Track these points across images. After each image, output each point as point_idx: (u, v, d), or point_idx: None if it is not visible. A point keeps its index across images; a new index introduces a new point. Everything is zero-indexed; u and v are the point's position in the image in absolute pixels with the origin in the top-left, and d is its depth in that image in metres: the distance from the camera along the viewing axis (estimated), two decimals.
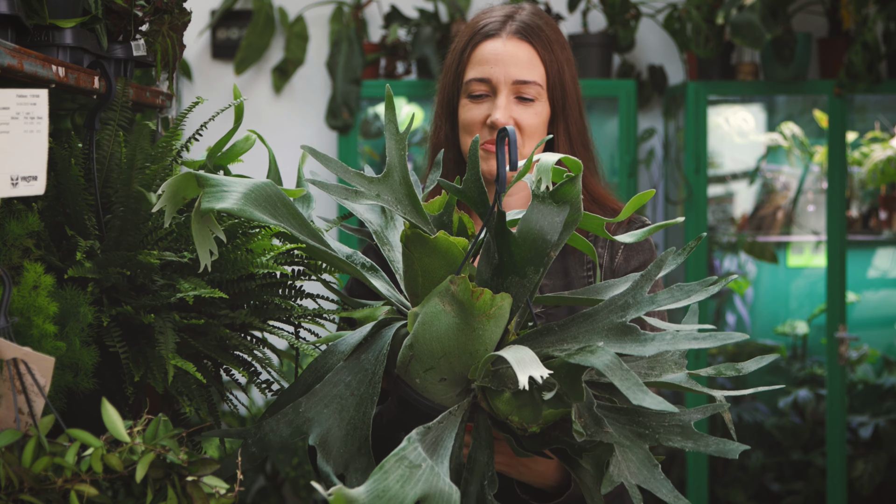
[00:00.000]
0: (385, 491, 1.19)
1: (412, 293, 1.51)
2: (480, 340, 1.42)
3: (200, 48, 4.61)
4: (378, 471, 1.20)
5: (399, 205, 1.51)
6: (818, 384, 4.55)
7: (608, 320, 1.42)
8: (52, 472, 1.27)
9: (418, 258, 1.47)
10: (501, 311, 1.42)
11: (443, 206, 1.58)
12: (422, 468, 1.23)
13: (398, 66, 4.40)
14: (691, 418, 1.44)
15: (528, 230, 1.46)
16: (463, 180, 1.51)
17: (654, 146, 4.58)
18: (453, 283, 1.39)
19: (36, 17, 1.54)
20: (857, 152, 4.43)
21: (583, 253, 1.87)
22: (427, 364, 1.43)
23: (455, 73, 1.93)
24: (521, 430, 1.41)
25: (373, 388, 1.43)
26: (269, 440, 1.43)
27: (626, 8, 4.32)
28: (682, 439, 1.42)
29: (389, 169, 1.53)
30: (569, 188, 1.45)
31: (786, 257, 4.74)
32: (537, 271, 1.47)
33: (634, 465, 1.39)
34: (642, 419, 1.43)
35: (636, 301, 1.43)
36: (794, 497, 4.42)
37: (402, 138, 1.54)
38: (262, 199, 1.35)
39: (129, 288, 1.55)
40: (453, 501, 1.22)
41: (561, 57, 1.92)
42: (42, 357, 1.31)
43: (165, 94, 1.91)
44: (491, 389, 1.42)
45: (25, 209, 1.51)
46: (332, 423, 1.41)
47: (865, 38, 4.07)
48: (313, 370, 1.48)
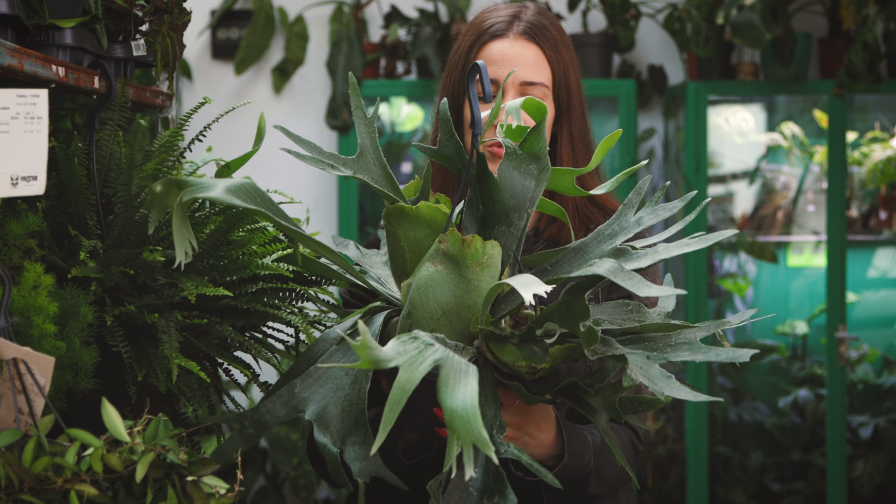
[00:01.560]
0: (406, 351, 1.22)
1: (400, 272, 1.52)
2: (477, 292, 1.43)
3: (200, 48, 4.61)
4: (395, 340, 1.23)
5: (376, 183, 1.55)
6: (818, 384, 4.55)
7: (598, 249, 1.49)
8: (52, 472, 1.27)
9: (402, 233, 1.49)
10: (493, 260, 1.44)
11: (418, 189, 1.61)
12: (435, 346, 1.26)
13: (398, 66, 4.40)
14: (696, 335, 1.46)
15: (506, 177, 1.51)
16: (437, 140, 1.55)
17: (654, 146, 4.58)
18: (442, 242, 1.42)
19: (36, 17, 1.54)
20: (857, 152, 4.43)
21: (557, 234, 1.88)
22: (427, 328, 1.43)
23: (461, 71, 1.92)
24: (531, 372, 1.41)
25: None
26: (266, 420, 1.43)
27: (626, 8, 4.32)
28: (690, 353, 1.43)
29: (362, 150, 1.57)
30: (534, 139, 1.50)
31: (786, 257, 4.74)
32: (521, 218, 1.50)
33: (648, 378, 1.40)
34: (648, 342, 1.46)
35: (622, 227, 1.51)
36: (794, 497, 4.42)
37: (371, 122, 1.59)
38: (242, 191, 1.41)
39: (132, 287, 1.55)
40: (471, 372, 1.21)
41: (566, 58, 1.92)
42: (42, 357, 1.31)
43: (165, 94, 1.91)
44: (495, 336, 1.42)
45: (28, 209, 1.51)
46: (329, 401, 1.41)
47: (865, 38, 4.07)
48: (306, 357, 1.50)
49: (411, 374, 1.18)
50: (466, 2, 4.45)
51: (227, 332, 1.58)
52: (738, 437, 4.56)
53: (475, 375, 1.21)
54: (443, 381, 1.19)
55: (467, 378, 1.20)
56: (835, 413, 4.24)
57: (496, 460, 1.20)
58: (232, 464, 1.40)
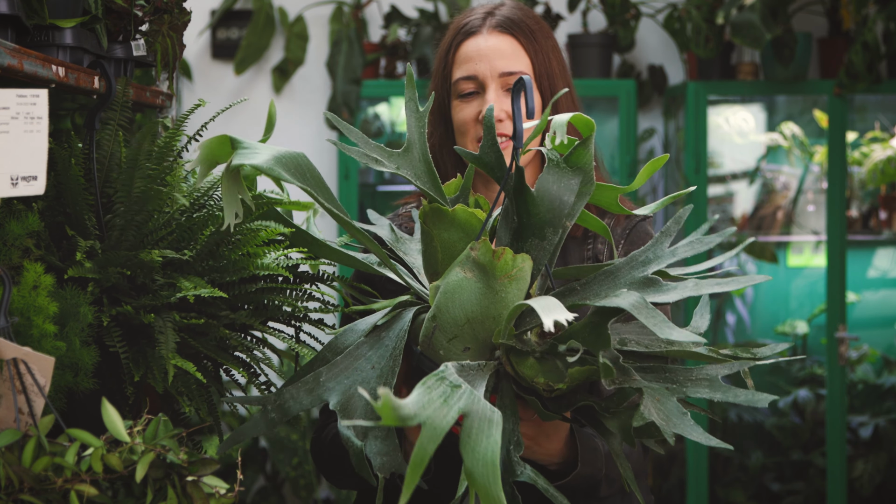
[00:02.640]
0: (430, 403, 1.18)
1: (432, 271, 1.51)
2: (503, 303, 1.41)
3: (200, 48, 4.61)
4: (421, 386, 1.19)
5: (418, 180, 1.53)
6: (818, 384, 4.55)
7: (630, 275, 1.45)
8: (52, 472, 1.27)
9: (437, 234, 1.48)
10: (522, 273, 1.42)
11: (458, 188, 1.60)
12: (462, 388, 1.22)
13: (398, 65, 4.40)
14: (718, 372, 1.44)
15: (545, 191, 1.47)
16: (479, 147, 1.52)
17: (654, 146, 4.58)
18: (473, 249, 1.40)
19: (36, 17, 1.54)
20: (857, 152, 4.43)
21: (583, 248, 1.86)
22: (451, 333, 1.42)
23: (442, 75, 1.93)
24: (548, 390, 1.40)
25: (394, 361, 1.43)
26: (289, 407, 1.42)
27: (626, 8, 4.32)
28: (709, 391, 1.41)
29: (409, 144, 1.55)
30: (581, 152, 1.46)
31: (786, 257, 4.74)
32: (556, 233, 1.46)
33: (664, 413, 1.38)
34: (669, 374, 1.44)
35: (657, 255, 1.47)
36: (794, 497, 4.42)
37: (423, 116, 1.56)
38: (292, 164, 1.37)
39: (130, 288, 1.55)
40: (495, 421, 1.19)
41: (546, 45, 1.91)
42: (42, 357, 1.31)
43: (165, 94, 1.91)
44: (516, 350, 1.41)
45: (25, 209, 1.51)
46: (353, 392, 1.41)
47: (865, 38, 4.07)
48: (332, 347, 1.49)
49: (434, 433, 1.14)
50: (466, 2, 4.45)
51: (225, 334, 1.58)
52: (738, 437, 4.56)
53: (499, 426, 1.18)
54: (466, 432, 1.17)
55: (490, 429, 1.17)
56: (835, 413, 4.24)
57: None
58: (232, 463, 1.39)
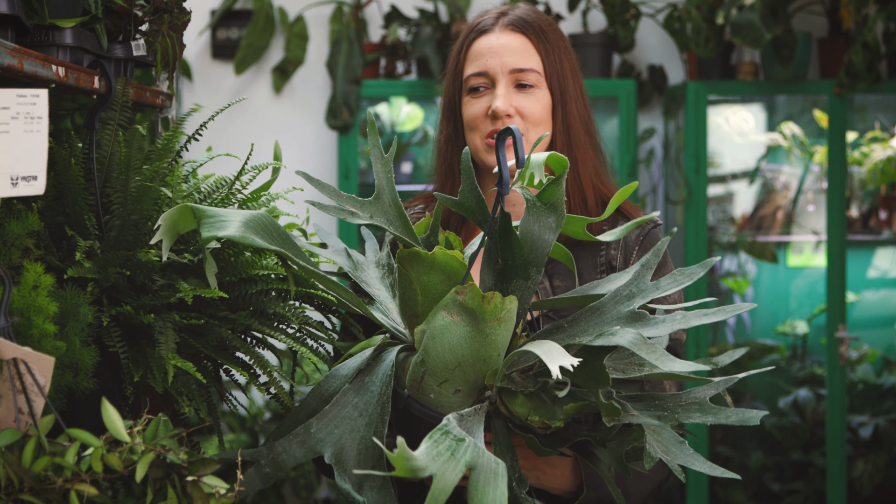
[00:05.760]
0: (439, 455, 1.22)
1: (410, 314, 1.52)
2: (493, 346, 1.44)
3: (200, 48, 4.61)
4: (428, 440, 1.23)
5: (391, 225, 1.55)
6: (818, 384, 4.55)
7: (615, 311, 1.47)
8: (52, 472, 1.27)
9: (416, 277, 1.49)
10: (510, 315, 1.44)
11: (428, 227, 1.62)
12: (466, 441, 1.26)
13: (398, 65, 4.40)
14: (706, 394, 1.46)
15: (528, 232, 1.50)
16: (459, 191, 1.54)
17: (654, 146, 4.58)
18: (460, 294, 1.41)
19: (36, 16, 1.54)
20: (857, 152, 4.43)
21: (595, 255, 1.86)
22: (441, 377, 1.44)
23: (454, 73, 1.94)
24: (543, 428, 1.42)
25: (382, 408, 1.44)
26: (283, 461, 1.44)
27: (626, 8, 4.32)
28: (701, 415, 1.44)
29: (379, 191, 1.57)
30: (553, 190, 1.49)
31: (786, 257, 4.74)
32: (539, 272, 1.50)
33: (662, 445, 1.41)
34: (659, 402, 1.46)
35: (640, 289, 1.49)
36: (794, 497, 4.42)
37: (388, 161, 1.58)
38: (260, 227, 1.40)
39: (129, 288, 1.55)
40: (500, 473, 1.22)
41: (557, 46, 1.91)
42: (42, 357, 1.31)
43: (165, 93, 1.91)
44: (508, 391, 1.43)
45: (25, 209, 1.51)
46: (345, 443, 1.42)
47: (865, 38, 4.07)
48: (317, 395, 1.50)
49: (444, 485, 1.19)
50: (466, 2, 4.45)
51: (226, 335, 1.58)
52: (738, 437, 4.56)
53: (504, 477, 1.22)
54: (473, 485, 1.21)
55: (497, 481, 1.22)
56: (835, 413, 4.24)
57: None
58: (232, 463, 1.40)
